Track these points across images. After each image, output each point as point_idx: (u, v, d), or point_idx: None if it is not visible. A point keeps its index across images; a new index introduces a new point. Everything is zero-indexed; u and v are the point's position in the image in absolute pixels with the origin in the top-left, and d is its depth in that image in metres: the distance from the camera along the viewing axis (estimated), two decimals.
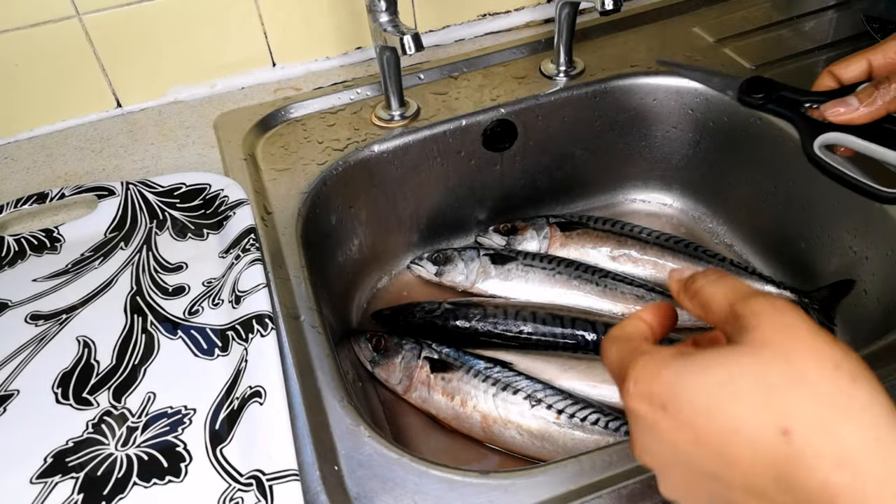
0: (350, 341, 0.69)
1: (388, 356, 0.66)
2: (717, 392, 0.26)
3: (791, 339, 0.26)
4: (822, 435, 0.23)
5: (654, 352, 0.29)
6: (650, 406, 0.27)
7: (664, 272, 0.75)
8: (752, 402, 0.25)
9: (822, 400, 0.24)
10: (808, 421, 0.24)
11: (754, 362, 0.26)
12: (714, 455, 0.26)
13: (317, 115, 0.76)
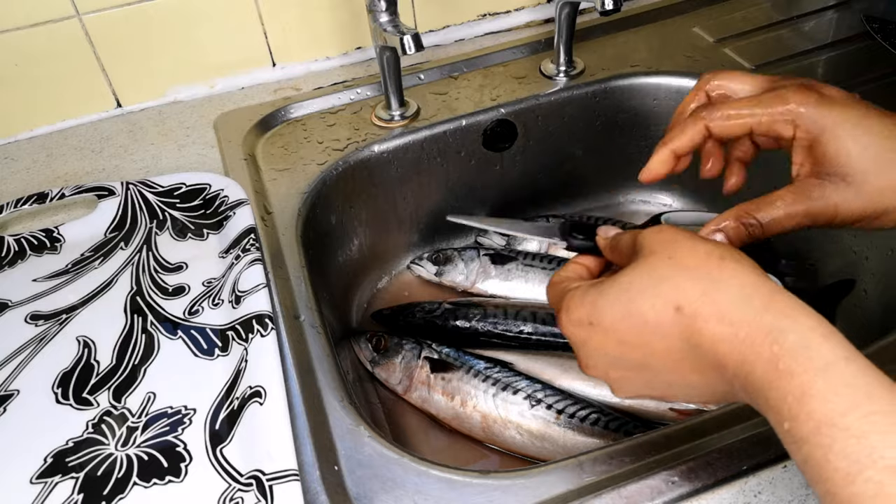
0: (350, 341, 0.69)
1: (388, 356, 0.66)
2: (623, 297, 0.33)
3: (672, 244, 0.33)
4: (703, 302, 0.30)
5: (579, 286, 0.36)
6: (580, 327, 0.34)
7: None
8: (649, 294, 0.32)
9: (699, 278, 0.31)
10: (692, 295, 0.31)
11: (646, 266, 0.33)
12: (636, 346, 0.33)
13: (317, 115, 0.76)
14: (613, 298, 0.33)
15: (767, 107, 0.39)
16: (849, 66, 0.75)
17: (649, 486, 0.41)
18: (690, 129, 0.41)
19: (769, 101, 0.39)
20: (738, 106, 0.40)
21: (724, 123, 0.40)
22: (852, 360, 0.27)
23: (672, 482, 0.41)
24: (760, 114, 0.39)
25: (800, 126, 0.38)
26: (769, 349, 0.28)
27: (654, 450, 0.43)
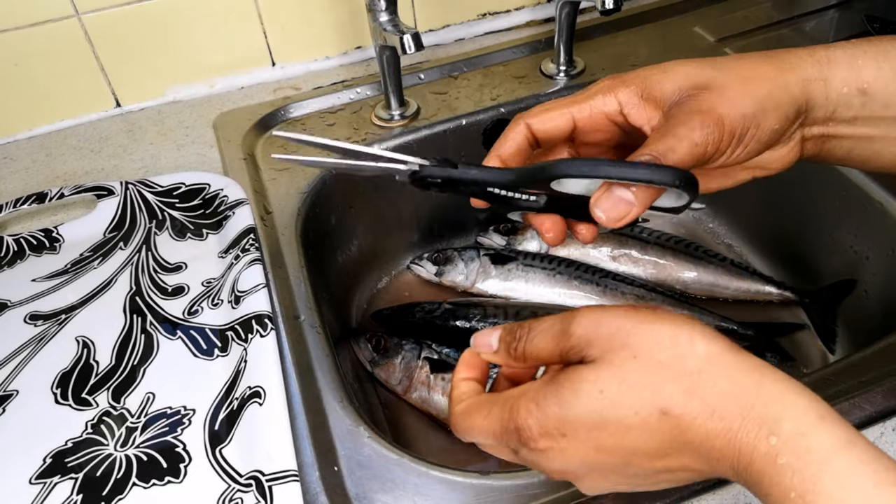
0: (350, 342, 0.69)
1: (388, 357, 0.66)
2: (598, 408, 0.29)
3: (625, 338, 0.30)
4: (690, 401, 0.28)
5: (522, 397, 0.31)
6: (553, 440, 0.30)
7: (664, 272, 0.75)
8: (628, 403, 0.29)
9: (679, 376, 0.29)
10: (676, 397, 0.28)
11: (611, 371, 0.29)
12: (617, 452, 0.30)
13: (316, 115, 0.76)
14: (585, 409, 0.30)
15: (579, 96, 0.38)
16: None
17: None
18: (512, 131, 0.39)
19: (580, 94, 0.38)
20: (555, 101, 0.39)
21: (543, 116, 0.38)
22: (854, 443, 0.26)
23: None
24: (574, 101, 0.37)
25: (620, 90, 0.36)
26: (766, 442, 0.27)
27: None
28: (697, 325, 0.30)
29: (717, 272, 0.73)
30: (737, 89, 0.34)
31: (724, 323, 0.69)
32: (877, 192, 0.62)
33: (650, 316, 0.30)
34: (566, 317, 0.32)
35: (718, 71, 0.35)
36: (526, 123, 0.39)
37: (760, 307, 0.72)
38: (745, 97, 0.34)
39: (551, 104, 0.38)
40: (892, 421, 0.44)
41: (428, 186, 0.37)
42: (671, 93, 0.36)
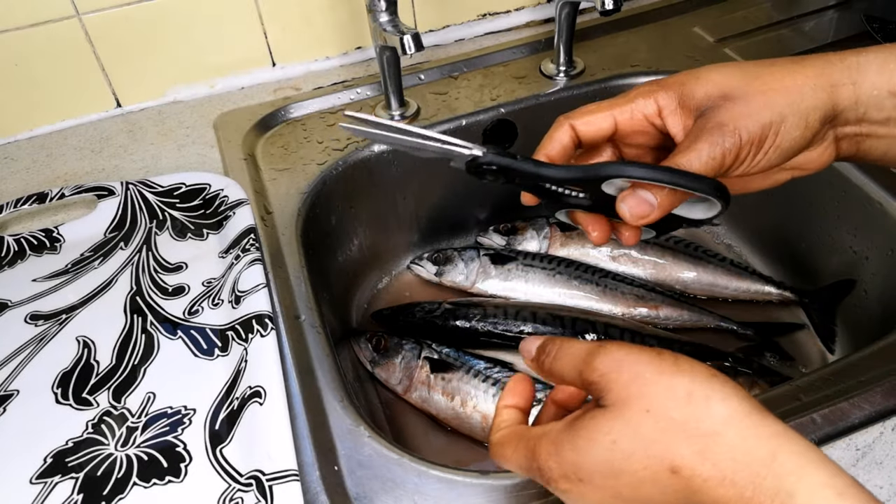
0: (350, 341, 0.69)
1: (388, 356, 0.66)
2: (610, 458, 0.30)
3: (641, 390, 0.30)
4: (701, 464, 0.28)
5: (544, 438, 0.33)
6: (570, 482, 0.32)
7: (664, 272, 0.75)
8: (639, 457, 0.30)
9: (691, 436, 0.29)
10: (688, 457, 0.29)
11: (624, 422, 0.30)
12: (635, 498, 0.30)
13: (317, 115, 0.76)
14: (598, 459, 0.31)
15: (621, 99, 0.39)
16: None
17: None
18: (557, 131, 0.41)
19: (622, 97, 0.40)
20: (598, 103, 0.40)
21: (587, 118, 0.40)
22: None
23: None
24: (616, 104, 0.39)
25: (660, 95, 0.38)
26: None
27: None
28: (718, 381, 0.30)
29: (716, 272, 0.73)
30: (758, 100, 0.36)
31: (723, 323, 0.69)
32: (876, 192, 0.62)
33: (671, 367, 0.30)
34: (593, 348, 0.33)
35: (744, 80, 0.37)
36: (570, 124, 0.40)
37: (760, 307, 0.72)
38: (764, 108, 0.35)
39: (594, 106, 0.40)
40: (891, 421, 0.44)
41: (483, 175, 0.38)
42: (701, 100, 0.37)
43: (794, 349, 0.68)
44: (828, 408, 0.45)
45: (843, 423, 0.44)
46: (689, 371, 0.30)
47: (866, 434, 0.44)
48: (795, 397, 0.46)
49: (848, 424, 0.44)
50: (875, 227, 0.63)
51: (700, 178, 0.35)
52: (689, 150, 0.35)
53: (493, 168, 0.38)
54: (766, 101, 0.36)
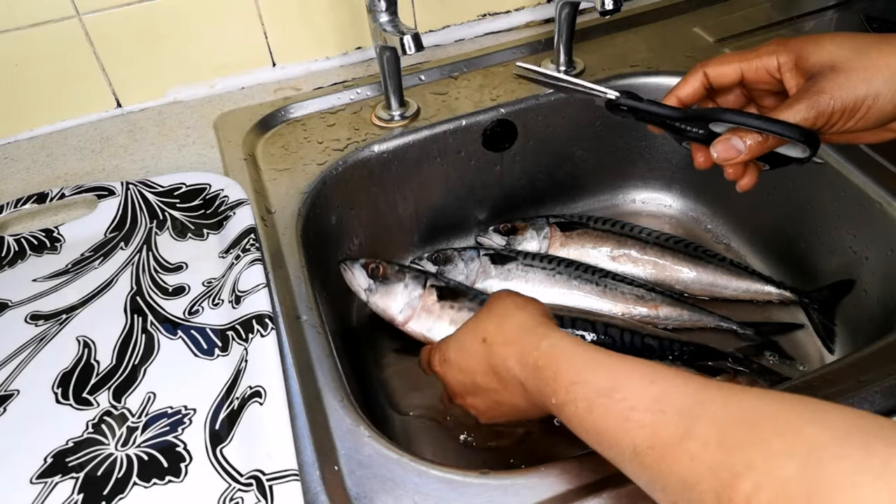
0: (342, 266, 0.64)
1: (389, 283, 0.63)
2: (459, 336, 0.49)
3: (493, 301, 0.49)
4: (496, 332, 0.46)
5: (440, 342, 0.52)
6: (441, 366, 0.50)
7: (664, 272, 0.75)
8: (469, 331, 0.48)
9: (496, 316, 0.47)
10: (490, 329, 0.46)
11: (474, 318, 0.49)
12: (467, 373, 0.47)
13: (317, 115, 0.76)
14: (454, 340, 0.49)
15: (750, 52, 0.46)
16: None
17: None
18: (692, 77, 0.48)
19: (751, 51, 0.47)
20: (729, 55, 0.48)
21: (718, 68, 0.47)
22: (581, 343, 0.40)
23: None
24: (745, 56, 0.46)
25: (782, 53, 0.45)
26: (532, 355, 0.42)
27: None
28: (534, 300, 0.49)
29: (716, 272, 0.73)
30: (859, 75, 0.42)
31: (723, 323, 0.69)
32: (876, 192, 0.62)
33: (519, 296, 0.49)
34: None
35: (853, 54, 0.43)
36: (703, 71, 0.48)
37: (760, 307, 0.72)
38: (862, 83, 0.42)
39: (726, 57, 0.48)
40: None
41: (619, 112, 0.49)
42: (813, 65, 0.44)
43: (794, 349, 0.68)
44: None
45: None
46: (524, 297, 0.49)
47: None
48: None
49: None
50: (875, 227, 0.63)
51: (789, 125, 0.42)
52: (789, 106, 0.43)
53: (624, 108, 0.48)
54: (865, 76, 0.42)
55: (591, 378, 0.37)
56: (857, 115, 0.43)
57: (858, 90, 0.42)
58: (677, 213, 0.85)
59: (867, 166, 0.63)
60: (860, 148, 0.64)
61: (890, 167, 0.62)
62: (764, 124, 0.43)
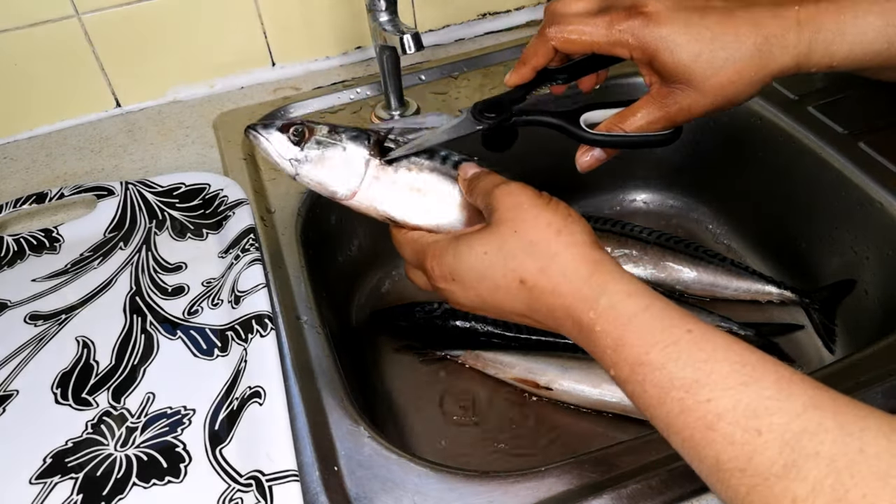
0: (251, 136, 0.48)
1: (321, 148, 0.48)
2: (477, 265, 0.39)
3: (518, 213, 0.39)
4: (540, 278, 0.37)
5: (433, 244, 0.42)
6: (447, 281, 0.40)
7: (664, 272, 0.75)
8: (499, 267, 0.38)
9: (538, 254, 0.37)
10: (532, 271, 0.37)
11: (496, 238, 0.38)
12: (491, 303, 0.39)
13: (316, 115, 0.76)
14: (469, 265, 0.39)
15: (602, 29, 0.43)
16: None
17: (650, 485, 0.41)
18: (541, 47, 0.45)
19: (603, 24, 0.43)
20: (576, 25, 0.44)
21: (565, 43, 0.45)
22: (651, 307, 0.34)
23: (672, 482, 0.41)
24: (597, 36, 0.43)
25: (634, 47, 0.42)
26: (588, 315, 0.35)
27: (655, 449, 0.43)
28: (572, 218, 0.38)
29: (716, 272, 0.73)
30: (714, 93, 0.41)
31: (724, 323, 0.69)
32: (877, 191, 0.62)
33: (543, 202, 0.39)
34: (501, 181, 0.41)
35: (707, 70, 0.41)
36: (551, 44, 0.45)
37: (760, 307, 0.72)
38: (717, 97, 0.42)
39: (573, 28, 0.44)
40: None
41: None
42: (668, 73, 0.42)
43: (795, 349, 0.68)
44: None
45: None
46: (554, 208, 0.39)
47: None
48: None
49: None
50: (875, 227, 0.63)
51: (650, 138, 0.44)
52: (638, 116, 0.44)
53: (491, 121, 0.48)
54: (719, 94, 0.42)
55: (665, 362, 0.32)
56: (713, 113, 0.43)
57: (713, 102, 0.42)
58: (678, 213, 0.85)
59: (868, 166, 0.63)
60: (861, 147, 0.64)
61: (890, 167, 0.62)
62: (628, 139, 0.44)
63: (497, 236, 0.38)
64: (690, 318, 0.33)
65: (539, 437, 0.63)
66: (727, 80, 0.41)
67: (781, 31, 0.40)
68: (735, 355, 0.31)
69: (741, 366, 0.30)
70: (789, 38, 0.40)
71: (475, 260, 0.39)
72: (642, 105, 0.44)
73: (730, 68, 0.41)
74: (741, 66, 0.41)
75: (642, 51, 0.42)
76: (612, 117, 0.45)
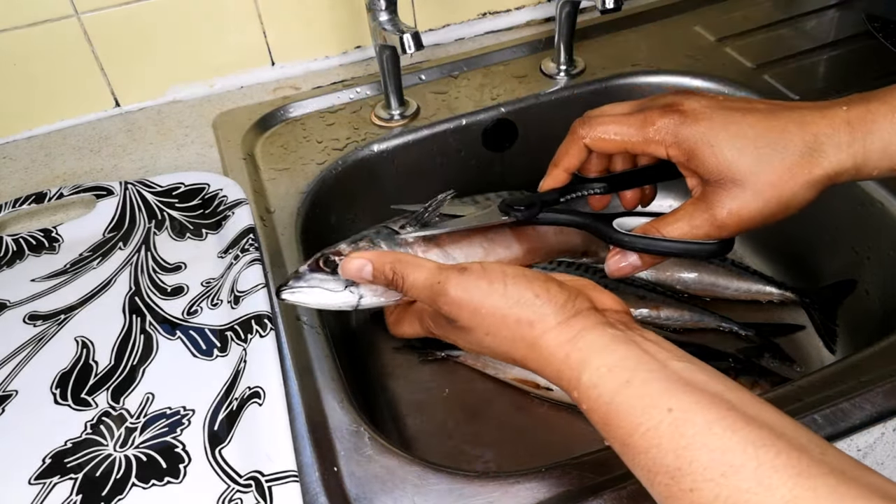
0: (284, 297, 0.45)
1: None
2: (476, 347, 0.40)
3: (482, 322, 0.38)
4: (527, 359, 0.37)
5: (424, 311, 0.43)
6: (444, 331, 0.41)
7: (665, 272, 0.74)
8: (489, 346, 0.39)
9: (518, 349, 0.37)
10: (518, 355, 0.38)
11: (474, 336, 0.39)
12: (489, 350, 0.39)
13: (316, 115, 0.76)
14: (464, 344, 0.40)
15: (635, 128, 0.41)
16: (850, 65, 0.75)
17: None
18: (573, 146, 0.44)
19: (637, 123, 0.41)
20: (609, 124, 0.42)
21: (597, 141, 0.43)
22: (632, 381, 0.33)
23: None
24: (630, 134, 0.41)
25: (670, 144, 0.40)
26: (573, 394, 0.35)
27: None
28: (538, 301, 0.37)
29: (717, 272, 0.73)
30: (767, 192, 0.39)
31: (724, 323, 0.69)
32: (877, 191, 0.62)
33: (500, 299, 0.38)
34: (435, 286, 0.39)
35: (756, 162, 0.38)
36: (583, 142, 0.44)
37: (761, 307, 0.72)
38: (773, 199, 0.39)
39: (608, 127, 0.42)
40: (892, 421, 0.44)
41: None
42: (710, 172, 0.39)
43: (795, 349, 0.68)
44: (829, 408, 0.45)
45: (844, 424, 0.44)
46: (516, 299, 0.37)
47: (867, 435, 0.44)
48: (797, 398, 0.46)
49: (849, 425, 0.44)
50: (876, 227, 0.62)
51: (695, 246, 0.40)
52: (679, 220, 0.41)
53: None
54: (774, 193, 0.38)
55: (648, 447, 0.31)
56: (756, 224, 0.41)
57: (766, 203, 0.39)
58: None
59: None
60: None
61: None
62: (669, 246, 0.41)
63: (473, 337, 0.39)
64: (673, 390, 0.32)
65: (539, 437, 0.63)
66: (778, 178, 0.38)
67: (831, 130, 0.38)
68: (716, 440, 0.30)
69: (721, 453, 0.30)
70: (841, 137, 0.38)
71: (463, 342, 0.41)
72: (685, 208, 0.40)
73: (778, 165, 0.38)
74: (791, 163, 0.38)
75: (678, 147, 0.39)
76: (650, 221, 0.42)
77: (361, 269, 0.42)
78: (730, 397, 0.32)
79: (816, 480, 0.28)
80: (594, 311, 0.37)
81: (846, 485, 0.27)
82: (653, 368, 0.33)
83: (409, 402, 0.67)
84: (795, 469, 0.28)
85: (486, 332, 0.38)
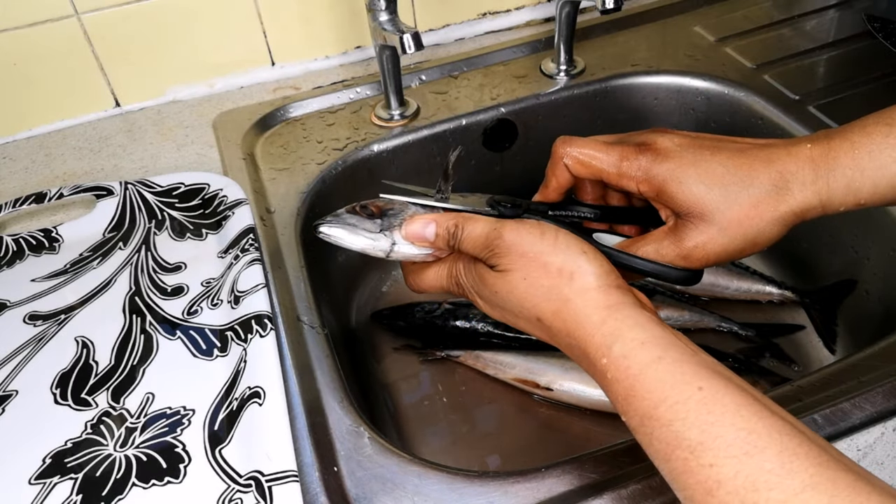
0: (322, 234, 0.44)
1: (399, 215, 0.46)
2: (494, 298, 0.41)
3: (525, 264, 0.39)
4: (555, 320, 0.38)
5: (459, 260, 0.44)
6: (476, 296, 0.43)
7: None
8: (515, 305, 0.40)
9: (552, 299, 0.38)
10: (547, 313, 0.38)
11: (506, 285, 0.40)
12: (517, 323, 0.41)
13: (316, 115, 0.76)
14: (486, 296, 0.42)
15: (613, 158, 0.42)
16: (850, 65, 0.75)
17: (650, 486, 0.41)
18: (556, 166, 0.45)
19: (614, 154, 0.42)
20: (587, 147, 0.43)
21: (575, 162, 0.44)
22: (663, 358, 0.34)
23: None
24: (608, 163, 0.43)
25: (641, 180, 0.41)
26: (600, 361, 0.35)
27: None
28: (584, 258, 0.38)
29: (717, 272, 0.73)
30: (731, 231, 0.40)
31: (724, 323, 0.69)
32: None
33: (549, 247, 0.39)
34: (492, 232, 0.41)
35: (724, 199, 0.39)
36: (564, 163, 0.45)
37: (761, 307, 0.72)
38: (735, 239, 0.40)
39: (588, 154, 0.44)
40: (892, 421, 0.44)
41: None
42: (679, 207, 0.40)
43: (795, 349, 0.68)
44: (829, 408, 0.45)
45: (844, 424, 0.44)
46: (564, 248, 0.39)
47: (867, 434, 0.44)
48: (796, 398, 0.46)
49: (849, 425, 0.44)
50: (876, 227, 0.63)
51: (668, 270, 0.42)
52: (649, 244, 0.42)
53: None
54: (737, 231, 0.40)
55: (673, 419, 0.32)
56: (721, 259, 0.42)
57: (731, 238, 0.40)
58: None
59: None
60: None
61: None
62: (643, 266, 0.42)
63: (506, 283, 0.40)
64: (704, 373, 0.33)
65: (539, 437, 0.63)
66: (744, 215, 0.39)
67: (796, 168, 0.39)
68: (743, 421, 0.31)
69: (747, 433, 0.30)
70: (806, 175, 0.39)
71: (489, 293, 0.41)
72: (656, 234, 0.42)
73: (745, 202, 0.39)
74: (758, 200, 0.39)
75: (649, 184, 0.41)
76: (622, 241, 0.43)
77: (425, 229, 0.43)
78: (754, 393, 0.33)
79: (837, 473, 0.29)
80: (633, 291, 0.38)
81: (864, 482, 0.28)
82: (685, 352, 0.34)
83: (409, 402, 0.67)
84: (817, 459, 0.29)
85: (525, 276, 0.38)
